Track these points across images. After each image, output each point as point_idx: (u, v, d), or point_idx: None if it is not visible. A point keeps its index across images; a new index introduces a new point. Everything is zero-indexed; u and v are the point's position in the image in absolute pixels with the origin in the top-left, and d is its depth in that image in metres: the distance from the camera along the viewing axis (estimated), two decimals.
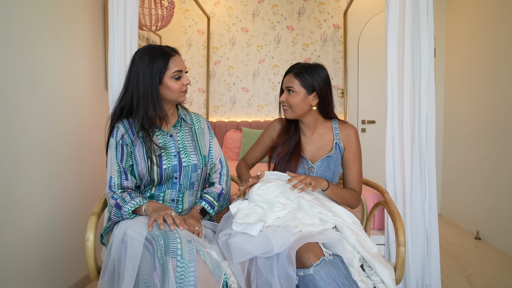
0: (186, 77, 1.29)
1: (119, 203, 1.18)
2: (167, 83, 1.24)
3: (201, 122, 1.44)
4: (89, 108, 2.06)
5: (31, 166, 1.61)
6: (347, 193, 1.34)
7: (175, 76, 1.24)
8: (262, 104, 3.80)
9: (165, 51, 1.25)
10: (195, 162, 1.31)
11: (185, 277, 0.95)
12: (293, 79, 1.34)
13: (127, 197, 1.19)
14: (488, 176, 2.74)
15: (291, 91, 1.34)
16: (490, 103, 2.73)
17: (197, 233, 1.17)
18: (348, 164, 1.40)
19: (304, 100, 1.34)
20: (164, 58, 1.23)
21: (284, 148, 1.41)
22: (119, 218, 1.19)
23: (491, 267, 2.26)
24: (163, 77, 1.23)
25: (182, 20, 3.84)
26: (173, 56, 1.25)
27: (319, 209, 1.19)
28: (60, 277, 1.80)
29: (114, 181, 1.23)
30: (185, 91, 1.31)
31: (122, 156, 1.25)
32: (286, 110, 1.38)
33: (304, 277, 1.00)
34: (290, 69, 1.38)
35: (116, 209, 1.19)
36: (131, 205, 1.17)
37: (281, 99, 1.38)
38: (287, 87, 1.36)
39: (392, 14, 1.60)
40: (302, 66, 1.36)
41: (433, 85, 1.57)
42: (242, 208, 1.19)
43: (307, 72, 1.33)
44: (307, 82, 1.33)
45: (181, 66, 1.26)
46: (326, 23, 3.72)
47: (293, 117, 1.38)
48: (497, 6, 2.67)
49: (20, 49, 1.54)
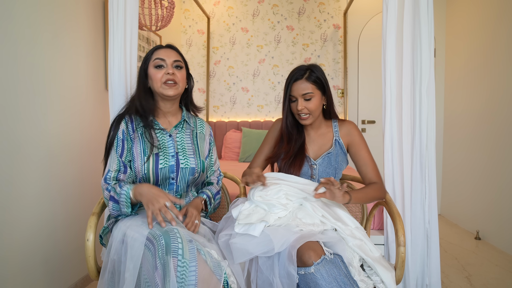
0: (170, 68, 1.26)
1: (113, 196, 1.17)
2: (150, 71, 1.28)
3: (204, 128, 1.45)
4: (89, 108, 2.06)
5: (31, 166, 1.61)
6: (370, 190, 1.30)
7: (155, 64, 1.26)
8: (262, 104, 3.80)
9: (159, 45, 1.32)
10: (193, 166, 1.31)
11: (186, 277, 0.95)
12: (308, 85, 1.31)
13: (117, 188, 1.18)
14: (488, 176, 2.74)
15: (308, 98, 1.31)
16: (491, 103, 2.73)
17: (194, 226, 1.17)
18: (358, 158, 1.39)
19: (321, 102, 1.36)
20: (152, 50, 1.29)
21: (290, 152, 1.39)
22: (118, 212, 1.18)
23: (491, 267, 2.26)
24: (148, 66, 1.28)
25: (182, 20, 3.84)
26: (161, 48, 1.30)
27: (322, 212, 1.20)
28: (60, 277, 1.80)
29: (110, 174, 1.23)
30: (169, 84, 1.26)
31: (122, 151, 1.25)
32: (306, 118, 1.34)
33: (305, 275, 1.00)
34: (298, 75, 1.33)
35: (113, 202, 1.17)
36: (124, 196, 1.15)
37: (299, 107, 1.32)
38: (303, 95, 1.31)
39: (391, 14, 1.60)
40: (308, 69, 1.33)
41: (433, 85, 1.57)
42: (243, 210, 1.20)
43: (315, 75, 1.32)
44: (320, 84, 1.33)
45: (164, 56, 1.27)
46: (326, 23, 3.72)
47: (311, 122, 1.38)
48: (497, 6, 2.67)
49: (19, 48, 1.54)
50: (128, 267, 1.01)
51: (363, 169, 1.37)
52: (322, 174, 1.39)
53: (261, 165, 1.49)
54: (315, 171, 1.39)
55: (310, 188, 1.28)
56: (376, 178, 1.36)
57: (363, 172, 1.38)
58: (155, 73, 1.26)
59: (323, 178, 1.23)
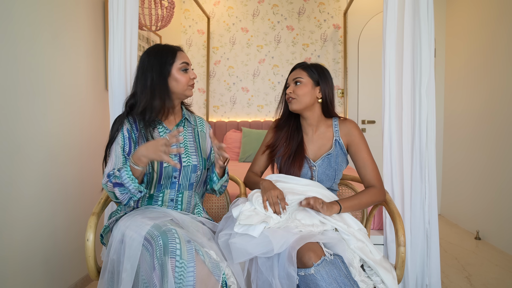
0: (192, 72, 1.34)
1: (116, 181, 1.15)
2: (175, 75, 1.29)
3: (204, 126, 1.47)
4: (89, 108, 2.06)
5: (31, 166, 1.61)
6: (365, 196, 1.28)
7: (182, 68, 1.30)
8: (262, 104, 3.80)
9: (172, 47, 1.34)
10: (195, 163, 1.32)
11: (184, 277, 0.95)
12: (301, 71, 1.40)
13: (116, 172, 1.16)
14: (488, 176, 2.74)
15: (298, 82, 1.38)
16: (491, 103, 2.73)
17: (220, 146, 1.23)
18: (357, 159, 1.37)
19: (312, 91, 1.38)
20: (172, 51, 1.31)
21: (287, 149, 1.41)
22: (128, 194, 1.16)
23: (491, 267, 2.26)
24: (171, 68, 1.29)
25: (182, 20, 3.84)
26: (180, 50, 1.34)
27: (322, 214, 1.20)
28: (60, 277, 1.80)
29: (113, 171, 1.19)
30: (192, 85, 1.35)
31: (130, 149, 1.25)
32: (292, 101, 1.38)
33: (305, 276, 1.00)
34: (297, 65, 1.44)
35: (118, 187, 1.14)
36: (125, 173, 1.13)
37: (288, 90, 1.39)
38: (294, 79, 1.39)
39: (391, 15, 1.60)
40: (309, 63, 1.43)
41: (433, 85, 1.57)
42: (244, 210, 1.20)
43: (314, 67, 1.41)
44: (314, 76, 1.39)
45: (188, 60, 1.34)
46: (326, 23, 3.72)
47: (298, 108, 1.38)
48: (497, 6, 2.67)
49: (19, 48, 1.54)
50: (125, 267, 1.00)
51: (362, 170, 1.35)
52: (322, 175, 1.38)
53: (263, 164, 1.51)
54: (315, 173, 1.39)
55: (311, 189, 1.29)
56: (375, 181, 1.33)
57: (362, 174, 1.36)
58: (182, 77, 1.30)
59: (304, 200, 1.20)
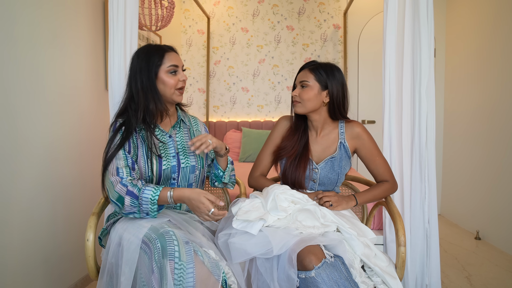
0: (182, 73, 1.28)
1: (132, 190, 1.08)
2: (162, 77, 1.24)
3: (199, 125, 1.45)
4: (89, 108, 2.06)
5: (31, 165, 1.60)
6: (378, 190, 1.36)
7: (170, 70, 1.25)
8: (262, 104, 3.80)
9: (161, 47, 1.27)
10: (194, 164, 1.31)
11: (184, 279, 0.95)
12: (308, 74, 1.35)
13: (138, 183, 1.11)
14: (488, 176, 2.74)
15: (304, 86, 1.34)
16: (490, 103, 2.73)
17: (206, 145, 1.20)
18: (369, 160, 1.39)
19: (318, 95, 1.34)
20: (160, 53, 1.25)
21: (294, 151, 1.38)
22: (135, 208, 1.09)
23: (491, 267, 2.26)
24: (158, 71, 1.24)
25: (182, 20, 3.84)
26: (168, 52, 1.27)
27: (333, 216, 1.18)
28: (60, 277, 1.80)
29: (121, 170, 1.15)
30: (181, 89, 1.29)
31: (129, 148, 1.22)
32: (296, 104, 1.37)
33: (306, 279, 1.00)
34: (306, 65, 1.39)
35: (131, 197, 1.08)
36: (151, 192, 1.08)
37: (293, 93, 1.36)
38: (300, 82, 1.35)
39: (391, 14, 1.60)
40: (319, 64, 1.37)
41: (433, 85, 1.57)
42: (243, 206, 1.20)
43: (322, 69, 1.35)
44: (322, 78, 1.34)
45: (177, 62, 1.27)
46: (326, 23, 3.72)
47: (302, 112, 1.37)
48: (496, 6, 2.67)
49: (19, 48, 1.54)
50: (124, 270, 1.00)
51: (375, 171, 1.40)
52: (324, 179, 1.37)
53: (268, 164, 1.48)
54: (317, 176, 1.37)
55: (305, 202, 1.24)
56: (387, 176, 1.39)
57: (375, 173, 1.41)
58: (169, 79, 1.24)
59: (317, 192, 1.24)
